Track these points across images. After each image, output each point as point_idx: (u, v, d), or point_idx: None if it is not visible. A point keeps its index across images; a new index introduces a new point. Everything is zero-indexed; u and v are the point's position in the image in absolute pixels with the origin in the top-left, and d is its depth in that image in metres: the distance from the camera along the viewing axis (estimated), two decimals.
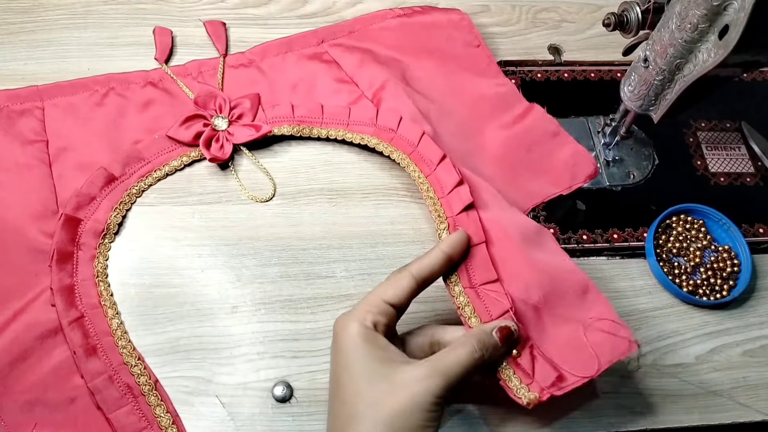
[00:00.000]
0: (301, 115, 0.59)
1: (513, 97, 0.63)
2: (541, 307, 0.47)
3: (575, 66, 0.67)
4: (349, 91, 0.61)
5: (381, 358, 0.40)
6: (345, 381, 0.40)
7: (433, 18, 0.67)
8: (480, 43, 0.66)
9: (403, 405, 0.38)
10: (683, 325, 0.54)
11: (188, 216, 0.55)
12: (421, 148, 0.55)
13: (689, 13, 0.46)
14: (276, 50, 0.63)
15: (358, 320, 0.41)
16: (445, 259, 0.45)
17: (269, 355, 0.50)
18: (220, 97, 0.59)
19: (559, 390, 0.44)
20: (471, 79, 0.63)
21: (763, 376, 0.52)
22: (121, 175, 0.55)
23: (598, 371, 0.44)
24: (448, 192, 0.52)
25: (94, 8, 0.65)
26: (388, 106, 0.58)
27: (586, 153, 0.60)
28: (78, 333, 0.48)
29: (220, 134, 0.57)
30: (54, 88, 0.58)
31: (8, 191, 0.53)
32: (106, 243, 0.52)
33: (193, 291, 0.52)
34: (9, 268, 0.50)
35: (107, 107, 0.58)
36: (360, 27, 0.65)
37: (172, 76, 0.60)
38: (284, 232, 0.55)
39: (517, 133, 0.61)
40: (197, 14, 0.66)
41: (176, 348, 0.49)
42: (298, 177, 0.58)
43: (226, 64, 0.62)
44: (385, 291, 0.43)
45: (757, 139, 0.63)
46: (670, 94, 0.52)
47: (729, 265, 0.56)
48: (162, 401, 0.47)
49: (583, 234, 0.57)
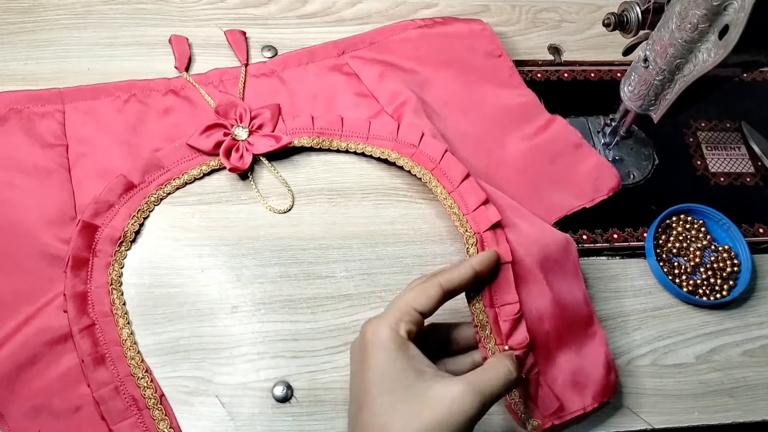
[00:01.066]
0: (321, 127, 0.58)
1: (535, 108, 0.62)
2: (550, 336, 0.48)
3: (575, 66, 0.67)
4: (369, 106, 0.60)
5: (415, 369, 0.39)
6: (376, 391, 0.39)
7: (454, 28, 0.66)
8: (501, 53, 0.65)
9: (436, 422, 0.37)
10: (683, 325, 0.54)
11: (188, 216, 0.55)
12: (443, 165, 0.55)
13: (689, 13, 0.46)
14: (297, 61, 0.63)
15: (391, 327, 0.40)
16: (474, 275, 0.45)
17: (269, 355, 0.50)
18: (241, 106, 0.58)
19: (559, 419, 0.47)
20: (493, 89, 0.63)
21: (763, 376, 0.52)
22: (140, 183, 0.55)
23: (591, 407, 0.47)
24: (473, 209, 0.51)
25: (94, 8, 0.65)
26: (408, 121, 0.58)
27: (609, 165, 0.59)
28: (88, 341, 0.48)
29: (240, 144, 0.57)
30: (76, 92, 0.58)
31: (26, 194, 0.53)
32: (122, 251, 0.52)
33: (193, 291, 0.52)
34: (23, 272, 0.50)
35: (128, 113, 0.58)
36: (381, 39, 0.65)
37: (194, 84, 0.60)
38: (284, 232, 0.55)
39: (540, 145, 0.60)
40: (197, 14, 0.66)
41: (176, 348, 0.49)
42: (298, 176, 0.58)
43: (247, 73, 0.62)
44: (415, 299, 0.42)
45: (757, 139, 0.63)
46: (670, 94, 0.52)
47: (729, 265, 0.56)
48: (166, 416, 0.46)
49: (583, 234, 0.57)
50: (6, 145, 0.55)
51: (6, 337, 0.47)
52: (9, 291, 0.49)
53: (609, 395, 0.48)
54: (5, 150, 0.55)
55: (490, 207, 0.51)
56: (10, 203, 0.53)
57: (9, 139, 0.55)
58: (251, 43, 0.64)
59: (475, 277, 0.45)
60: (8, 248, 0.51)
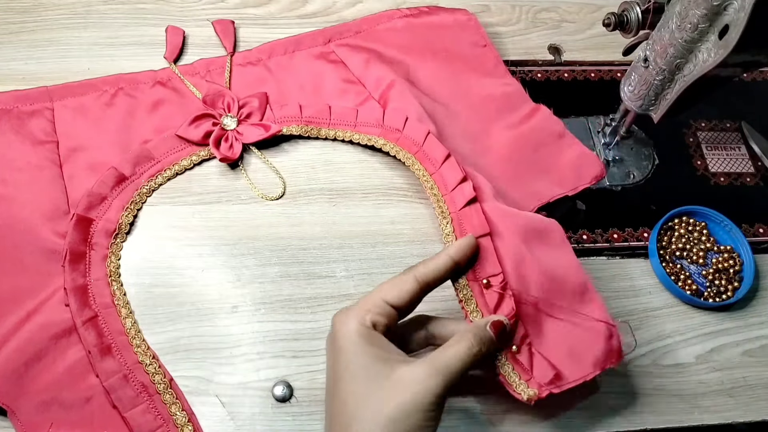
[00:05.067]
0: (309, 116, 0.59)
1: (520, 97, 0.63)
2: (540, 305, 0.47)
3: (575, 66, 0.67)
4: (356, 92, 0.61)
5: (380, 358, 0.40)
6: (344, 380, 0.40)
7: (439, 18, 0.67)
8: (487, 43, 0.66)
9: (403, 406, 0.38)
10: (683, 325, 0.54)
11: (188, 216, 0.55)
12: (426, 147, 0.55)
13: (689, 13, 0.46)
14: (283, 49, 0.63)
15: (357, 318, 0.41)
16: (452, 264, 0.45)
17: (269, 355, 0.50)
18: (229, 96, 0.58)
19: (557, 388, 0.45)
20: (478, 79, 0.63)
21: (763, 376, 0.52)
22: (132, 175, 0.55)
23: (592, 374, 0.45)
24: (452, 189, 0.52)
25: (94, 8, 0.65)
26: (394, 106, 0.58)
27: (593, 155, 0.60)
28: (92, 333, 0.48)
29: (229, 134, 0.57)
30: (63, 89, 0.58)
31: (21, 191, 0.53)
32: (118, 242, 0.52)
33: (193, 291, 0.52)
34: (22, 268, 0.50)
35: (117, 107, 0.58)
36: (367, 27, 0.65)
37: (179, 76, 0.60)
38: (284, 232, 0.55)
39: (523, 133, 0.60)
40: (197, 14, 0.66)
41: (176, 348, 0.49)
42: (299, 177, 0.58)
43: (233, 62, 0.62)
44: (387, 291, 0.43)
45: (757, 139, 0.63)
46: (670, 94, 0.52)
47: (732, 266, 0.56)
48: (177, 399, 0.47)
49: (583, 234, 0.57)
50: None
51: (9, 332, 0.48)
52: (9, 287, 0.50)
53: (612, 362, 0.46)
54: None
55: (467, 184, 0.51)
56: (5, 200, 0.53)
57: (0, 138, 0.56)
58: (251, 43, 0.64)
59: (454, 266, 0.45)
60: (5, 244, 0.51)
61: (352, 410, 0.39)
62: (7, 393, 0.46)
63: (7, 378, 0.46)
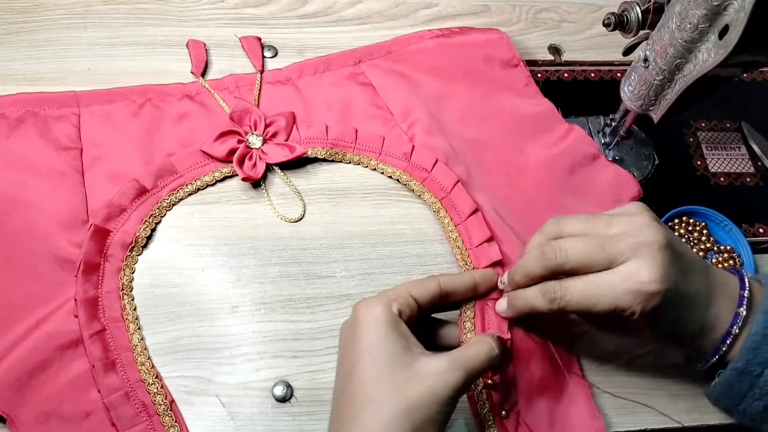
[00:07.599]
0: (334, 137, 0.58)
1: (553, 117, 0.62)
2: (534, 378, 0.48)
3: (575, 66, 0.67)
4: (384, 118, 0.60)
5: (404, 345, 0.41)
6: (364, 361, 0.40)
7: (471, 38, 0.65)
8: (518, 63, 0.65)
9: (423, 395, 0.38)
10: None
11: (188, 216, 0.55)
12: (453, 196, 0.55)
13: (689, 13, 0.46)
14: (313, 69, 0.62)
15: (384, 305, 0.42)
16: (473, 285, 0.47)
17: (269, 355, 0.50)
18: (256, 113, 0.58)
19: None
20: (510, 99, 0.62)
21: None
22: (153, 188, 0.54)
23: None
24: (476, 245, 0.53)
25: (94, 8, 0.65)
26: (423, 142, 0.58)
27: (629, 175, 0.59)
28: (98, 346, 0.47)
29: (253, 152, 0.57)
30: (91, 96, 0.58)
31: (40, 197, 0.53)
32: (134, 256, 0.52)
33: (193, 291, 0.52)
34: (35, 276, 0.50)
35: (143, 118, 0.58)
36: (397, 48, 0.64)
37: (209, 90, 0.60)
38: (284, 232, 0.55)
39: (559, 155, 0.59)
40: (197, 14, 0.66)
41: (176, 348, 0.49)
42: (299, 177, 0.58)
43: (263, 80, 0.61)
44: (412, 287, 0.44)
45: (757, 139, 0.64)
46: (670, 94, 0.52)
47: (732, 266, 0.56)
48: (176, 422, 0.46)
49: None
50: (21, 147, 0.55)
51: (17, 340, 0.47)
52: (21, 293, 0.49)
53: None
54: (20, 151, 0.55)
55: (492, 245, 0.52)
56: (24, 205, 0.52)
57: (24, 141, 0.55)
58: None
59: (473, 289, 0.47)
60: (21, 250, 0.51)
61: (371, 392, 0.39)
62: (9, 401, 0.45)
63: (9, 386, 0.45)
